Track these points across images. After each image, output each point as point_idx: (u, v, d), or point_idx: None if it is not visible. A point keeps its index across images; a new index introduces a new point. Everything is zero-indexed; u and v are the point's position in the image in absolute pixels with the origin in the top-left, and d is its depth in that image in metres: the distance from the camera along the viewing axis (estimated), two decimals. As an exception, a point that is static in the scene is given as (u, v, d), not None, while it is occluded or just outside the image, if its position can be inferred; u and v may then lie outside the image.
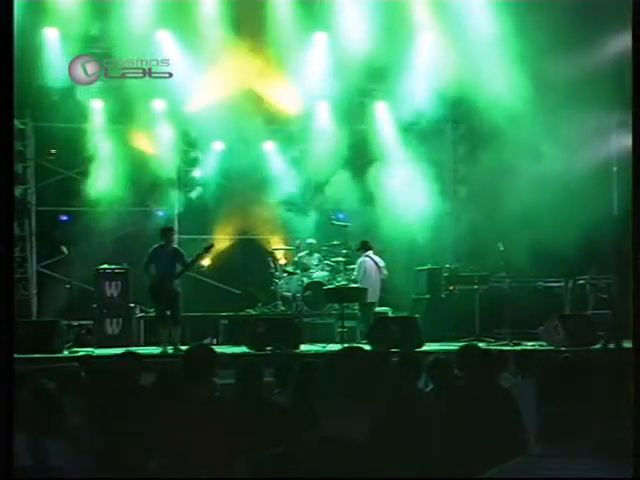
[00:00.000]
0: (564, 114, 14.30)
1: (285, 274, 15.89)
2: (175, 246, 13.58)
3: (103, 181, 15.54)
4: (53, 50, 14.89)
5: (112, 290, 14.84)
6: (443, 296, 15.49)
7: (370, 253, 14.76)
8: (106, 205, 15.82)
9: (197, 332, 15.15)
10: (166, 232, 13.52)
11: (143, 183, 15.96)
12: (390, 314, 14.98)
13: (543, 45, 13.81)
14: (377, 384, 2.92)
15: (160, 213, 17.21)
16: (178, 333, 13.29)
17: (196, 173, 16.86)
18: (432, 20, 15.26)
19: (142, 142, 16.16)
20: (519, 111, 14.41)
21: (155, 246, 13.36)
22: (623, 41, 12.91)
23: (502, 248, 13.97)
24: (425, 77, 15.47)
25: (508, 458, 2.97)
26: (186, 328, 14.65)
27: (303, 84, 15.76)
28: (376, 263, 14.66)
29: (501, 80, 14.66)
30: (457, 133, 16.81)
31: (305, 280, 15.43)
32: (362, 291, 15.01)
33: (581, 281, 15.26)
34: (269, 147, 17.04)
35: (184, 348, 13.01)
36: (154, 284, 13.15)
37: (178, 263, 13.20)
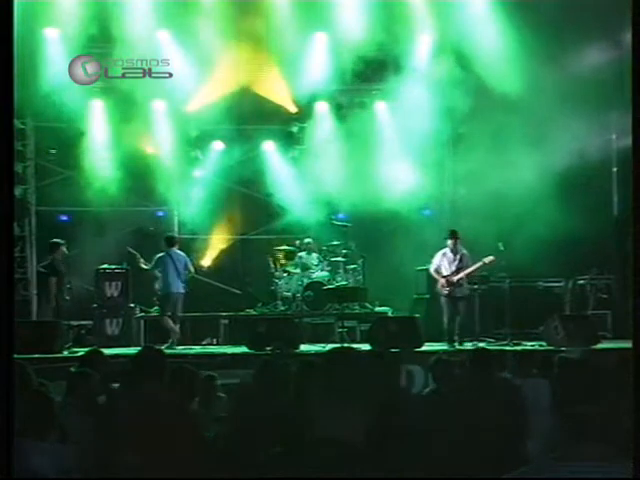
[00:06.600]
0: (563, 114, 14.30)
1: (285, 274, 15.89)
2: (182, 253, 14.04)
3: (103, 181, 15.52)
4: (53, 50, 14.89)
5: (112, 290, 14.87)
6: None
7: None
8: (106, 205, 15.81)
9: (197, 332, 15.18)
10: (171, 239, 14.05)
11: (143, 183, 15.94)
12: (390, 314, 14.98)
13: (543, 45, 13.83)
14: (370, 384, 2.91)
15: (160, 213, 17.21)
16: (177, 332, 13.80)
17: (196, 173, 16.84)
18: (432, 19, 15.26)
19: (142, 142, 16.14)
20: (519, 111, 14.42)
21: (160, 255, 13.82)
22: (623, 40, 12.94)
23: (502, 248, 13.95)
24: (425, 76, 15.47)
25: (511, 458, 2.96)
26: (186, 328, 14.71)
27: (303, 84, 15.76)
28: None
29: (501, 80, 14.67)
30: (457, 132, 16.79)
31: (305, 280, 15.43)
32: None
33: (581, 281, 15.26)
34: (269, 147, 17.03)
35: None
36: (166, 289, 13.74)
37: (185, 270, 13.83)
